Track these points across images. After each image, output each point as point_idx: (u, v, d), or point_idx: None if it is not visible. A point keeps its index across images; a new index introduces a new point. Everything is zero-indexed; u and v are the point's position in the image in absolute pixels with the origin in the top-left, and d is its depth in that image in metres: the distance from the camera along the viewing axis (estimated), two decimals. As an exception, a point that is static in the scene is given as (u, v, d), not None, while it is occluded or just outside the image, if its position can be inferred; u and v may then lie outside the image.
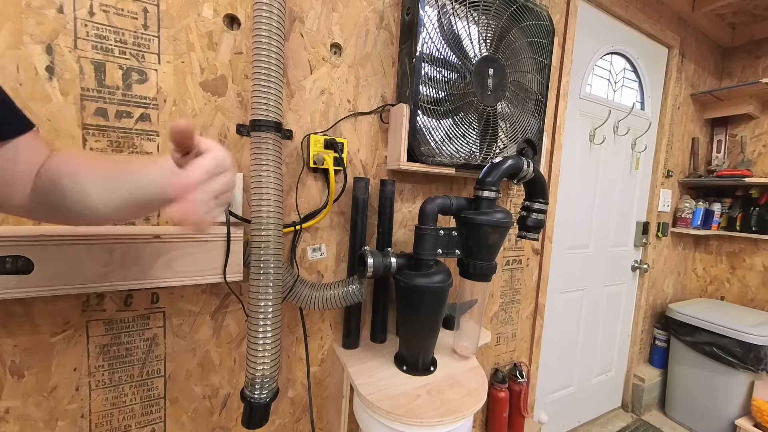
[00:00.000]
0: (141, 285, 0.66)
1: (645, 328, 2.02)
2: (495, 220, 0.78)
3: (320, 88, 0.89)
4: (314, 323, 0.96)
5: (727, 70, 2.08)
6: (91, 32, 0.65)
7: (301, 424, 0.98)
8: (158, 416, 0.79)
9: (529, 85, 1.05)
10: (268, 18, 0.68)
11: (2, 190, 0.38)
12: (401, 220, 1.05)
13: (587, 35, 1.47)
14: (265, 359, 0.72)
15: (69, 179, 0.40)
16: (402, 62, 0.94)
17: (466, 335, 0.98)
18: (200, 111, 0.76)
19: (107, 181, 0.41)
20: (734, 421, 1.65)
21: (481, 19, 0.93)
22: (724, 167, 1.97)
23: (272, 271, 0.72)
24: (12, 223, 0.63)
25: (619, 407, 2.03)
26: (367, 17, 0.93)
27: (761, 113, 1.93)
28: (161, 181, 0.40)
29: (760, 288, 1.94)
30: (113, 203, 0.41)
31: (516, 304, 1.41)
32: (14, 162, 0.38)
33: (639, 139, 1.77)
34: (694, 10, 1.76)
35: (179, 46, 0.72)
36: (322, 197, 0.92)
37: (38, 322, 0.66)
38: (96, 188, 0.41)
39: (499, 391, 1.33)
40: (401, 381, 0.83)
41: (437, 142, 0.92)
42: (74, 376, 0.70)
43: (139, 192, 0.41)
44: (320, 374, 0.99)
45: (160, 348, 0.77)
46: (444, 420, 0.71)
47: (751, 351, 1.57)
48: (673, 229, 2.00)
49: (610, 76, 1.64)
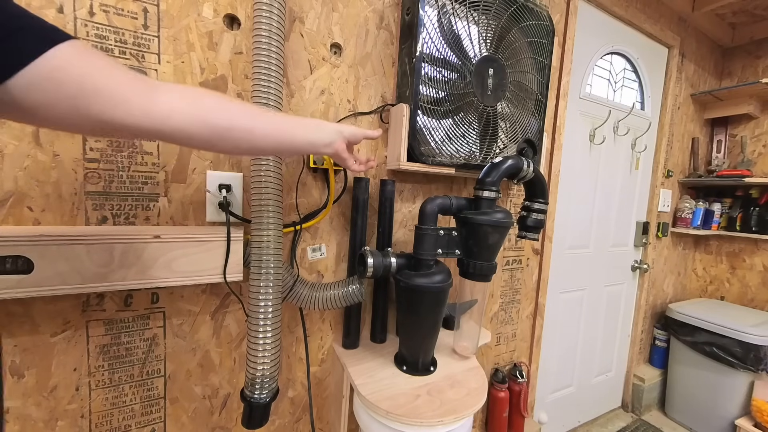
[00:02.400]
0: (141, 285, 0.66)
1: (645, 328, 2.02)
2: (495, 220, 0.78)
3: (320, 88, 0.89)
4: (314, 323, 0.96)
5: (727, 70, 2.08)
6: (91, 32, 0.65)
7: (301, 424, 0.98)
8: (158, 416, 0.79)
9: (529, 85, 1.05)
10: (268, 18, 0.68)
11: (109, 106, 0.34)
12: (401, 220, 1.05)
13: (587, 35, 1.47)
14: (265, 359, 0.72)
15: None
16: (402, 62, 0.94)
17: (466, 335, 0.98)
18: (200, 111, 0.75)
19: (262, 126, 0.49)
20: (734, 421, 1.65)
21: (481, 19, 0.93)
22: (724, 167, 1.97)
23: (272, 271, 0.72)
24: (12, 223, 0.63)
25: (619, 407, 2.03)
26: (367, 17, 0.93)
27: (761, 113, 1.93)
28: (315, 140, 0.57)
29: (760, 288, 1.94)
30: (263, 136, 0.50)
31: (516, 304, 1.41)
32: (79, 78, 0.32)
33: (639, 139, 1.77)
34: (694, 10, 1.76)
35: (179, 46, 0.72)
36: (322, 197, 0.92)
37: (38, 322, 0.66)
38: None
39: (499, 391, 1.33)
40: (401, 381, 0.83)
41: (437, 142, 0.92)
42: (74, 376, 0.70)
43: (285, 142, 0.52)
44: (320, 374, 0.99)
45: (160, 348, 0.77)
46: (444, 420, 0.71)
47: (751, 351, 1.57)
48: (673, 229, 2.00)
49: (610, 76, 1.64)
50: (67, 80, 0.32)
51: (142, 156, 0.71)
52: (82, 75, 0.33)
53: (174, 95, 0.40)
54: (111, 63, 0.36)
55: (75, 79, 0.32)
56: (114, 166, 0.69)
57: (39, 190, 0.64)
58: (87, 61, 0.34)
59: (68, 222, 0.66)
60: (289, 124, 0.54)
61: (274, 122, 0.51)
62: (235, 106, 0.46)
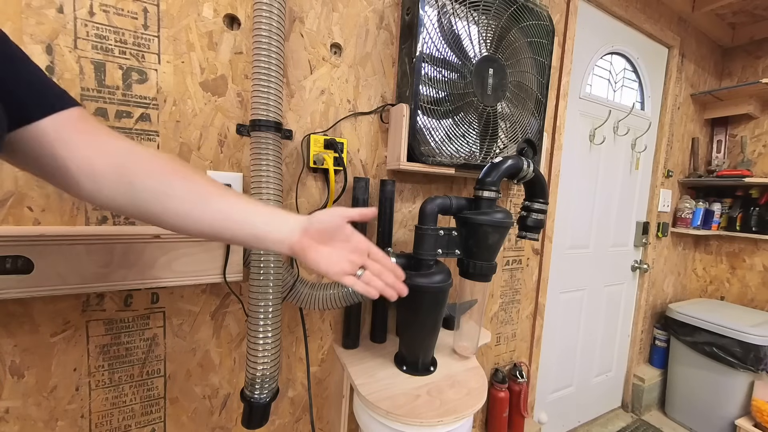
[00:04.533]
0: (141, 285, 0.66)
1: (645, 328, 2.02)
2: (495, 220, 0.78)
3: (320, 88, 0.89)
4: (314, 323, 0.96)
5: (727, 70, 2.08)
6: (91, 32, 0.65)
7: (301, 424, 0.98)
8: (158, 416, 0.79)
9: (529, 85, 1.05)
10: (268, 18, 0.68)
11: (62, 173, 0.37)
12: (401, 220, 1.05)
13: (587, 35, 1.47)
14: (265, 359, 0.72)
15: (151, 180, 0.41)
16: (402, 62, 0.94)
17: (466, 335, 0.98)
18: (200, 111, 0.76)
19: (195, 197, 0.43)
20: (734, 421, 1.65)
21: (481, 19, 0.93)
22: (724, 167, 1.97)
23: (272, 271, 0.72)
24: (12, 223, 0.63)
25: (619, 407, 2.03)
26: (367, 17, 0.93)
27: (761, 113, 1.93)
28: (278, 232, 0.46)
29: (760, 288, 1.94)
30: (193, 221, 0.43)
31: (516, 304, 1.41)
32: (63, 142, 0.36)
33: (639, 139, 1.77)
34: (694, 10, 1.76)
35: (179, 46, 0.72)
36: (322, 197, 0.92)
37: (38, 322, 0.66)
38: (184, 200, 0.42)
39: (499, 391, 1.33)
40: (401, 381, 0.83)
41: (437, 142, 0.92)
42: (74, 376, 0.70)
43: (225, 231, 0.45)
44: (320, 374, 0.99)
45: (160, 348, 0.77)
46: (444, 420, 0.71)
47: (751, 351, 1.57)
48: (673, 229, 2.00)
49: (610, 76, 1.64)
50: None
51: (142, 156, 0.71)
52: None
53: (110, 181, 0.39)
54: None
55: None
56: (114, 166, 0.69)
57: (39, 190, 0.64)
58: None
59: (68, 222, 0.66)
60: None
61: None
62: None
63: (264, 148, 0.71)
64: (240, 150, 0.80)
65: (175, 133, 0.74)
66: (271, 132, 0.71)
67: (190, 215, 0.42)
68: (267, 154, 0.71)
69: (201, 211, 0.43)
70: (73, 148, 0.37)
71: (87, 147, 0.38)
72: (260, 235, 0.46)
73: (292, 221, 0.47)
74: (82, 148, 0.38)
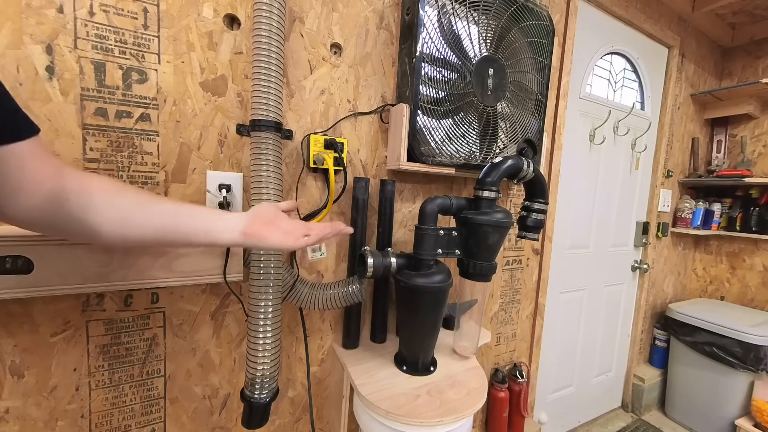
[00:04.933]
0: (141, 285, 0.66)
1: (645, 328, 2.02)
2: (495, 220, 0.78)
3: (320, 88, 0.89)
4: (314, 323, 0.96)
5: (727, 70, 2.08)
6: (91, 32, 0.65)
7: (301, 424, 0.98)
8: (158, 416, 0.79)
9: (529, 85, 1.05)
10: (268, 18, 0.68)
11: (2, 197, 0.36)
12: (401, 220, 1.05)
13: (587, 35, 1.47)
14: (265, 359, 0.72)
15: (87, 199, 0.41)
16: (402, 62, 0.94)
17: (466, 335, 0.98)
18: (200, 111, 0.76)
19: (135, 209, 0.44)
20: (734, 421, 1.65)
21: (481, 19, 0.93)
22: (724, 167, 1.97)
23: (272, 271, 0.72)
24: (12, 223, 0.63)
25: (619, 407, 2.03)
26: (367, 17, 0.93)
27: (761, 113, 1.93)
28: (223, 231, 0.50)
29: (760, 288, 1.94)
30: (133, 231, 0.44)
31: (516, 304, 1.41)
32: (20, 168, 0.36)
33: (639, 139, 1.77)
34: (694, 10, 1.76)
35: (179, 46, 0.72)
36: (322, 197, 0.92)
37: (38, 322, 0.66)
38: (117, 215, 0.43)
39: (499, 391, 1.33)
40: (401, 381, 0.83)
41: (437, 142, 0.92)
42: (74, 376, 0.70)
43: (175, 230, 0.47)
44: (320, 374, 0.99)
45: (160, 348, 0.77)
46: (444, 420, 0.71)
47: (751, 351, 1.57)
48: (673, 229, 2.00)
49: (610, 76, 1.64)
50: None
51: (142, 156, 0.71)
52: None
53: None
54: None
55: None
56: (114, 166, 0.69)
57: (39, 190, 0.64)
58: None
59: (68, 222, 0.66)
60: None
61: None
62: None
63: (264, 148, 0.71)
64: (240, 150, 0.80)
65: (175, 133, 0.74)
66: (271, 132, 0.71)
67: (131, 220, 0.44)
68: (267, 154, 0.71)
69: (146, 215, 0.45)
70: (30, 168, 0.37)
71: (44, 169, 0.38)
72: (212, 225, 0.49)
73: (236, 214, 0.53)
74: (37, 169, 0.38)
